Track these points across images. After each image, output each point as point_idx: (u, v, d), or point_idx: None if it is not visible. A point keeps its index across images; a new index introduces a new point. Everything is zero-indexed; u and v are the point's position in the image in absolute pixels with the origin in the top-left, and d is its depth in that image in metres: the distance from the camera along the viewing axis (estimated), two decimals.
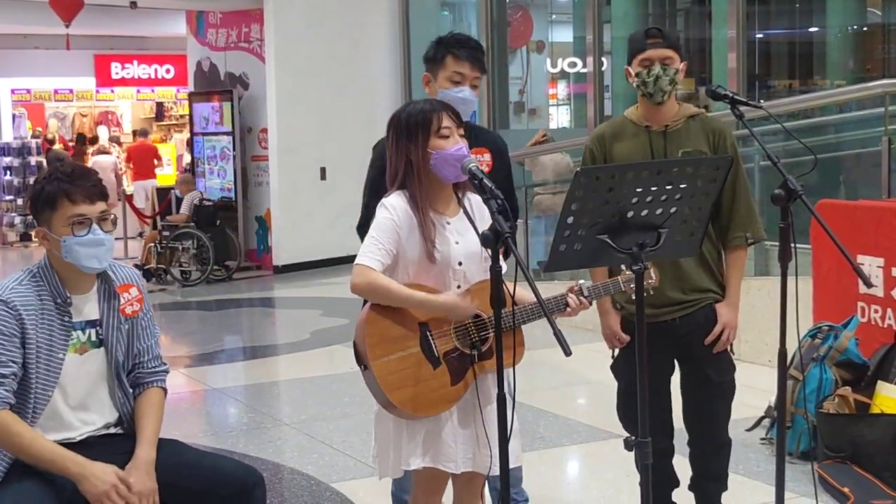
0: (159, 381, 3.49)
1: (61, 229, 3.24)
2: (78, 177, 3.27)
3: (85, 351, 3.34)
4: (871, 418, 5.08)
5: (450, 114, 3.34)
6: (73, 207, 3.24)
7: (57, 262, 3.29)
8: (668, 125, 3.90)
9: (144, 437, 3.33)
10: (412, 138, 3.30)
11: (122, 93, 23.32)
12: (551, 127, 16.64)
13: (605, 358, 4.14)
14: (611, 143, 3.95)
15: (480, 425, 3.31)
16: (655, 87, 3.81)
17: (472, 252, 3.34)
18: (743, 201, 3.94)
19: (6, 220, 18.07)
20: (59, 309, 3.27)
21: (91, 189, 3.28)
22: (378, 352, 3.20)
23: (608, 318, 3.99)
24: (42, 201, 3.26)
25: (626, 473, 4.97)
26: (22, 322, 3.18)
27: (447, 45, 3.95)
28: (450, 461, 3.32)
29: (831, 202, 6.52)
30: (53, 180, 3.25)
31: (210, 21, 14.77)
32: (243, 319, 11.13)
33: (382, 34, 14.14)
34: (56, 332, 3.26)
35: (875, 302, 5.71)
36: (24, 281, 3.27)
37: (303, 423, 6.56)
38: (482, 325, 3.30)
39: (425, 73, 4.01)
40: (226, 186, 14.26)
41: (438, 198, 3.36)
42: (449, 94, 3.88)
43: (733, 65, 10.09)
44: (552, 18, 16.80)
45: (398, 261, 3.29)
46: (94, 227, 3.26)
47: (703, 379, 3.98)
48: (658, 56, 3.82)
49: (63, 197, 3.24)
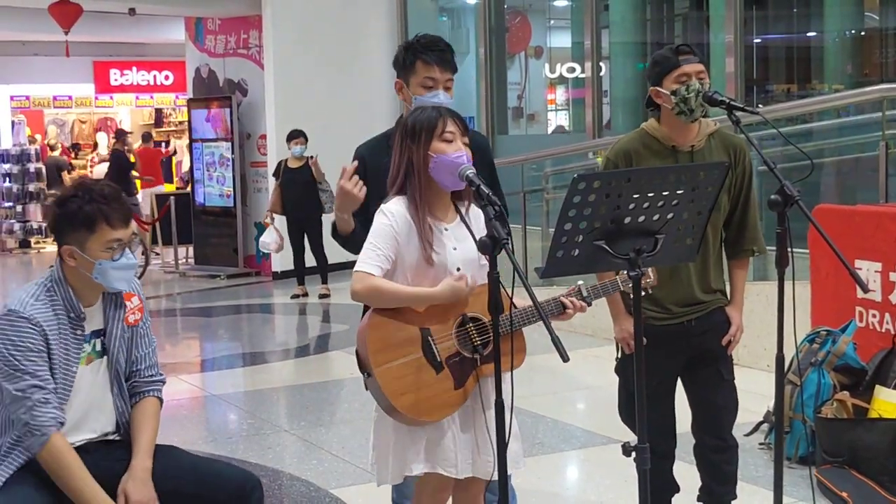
0: (155, 391, 3.50)
1: (98, 252, 3.22)
2: (113, 199, 3.25)
3: (91, 361, 3.35)
4: (869, 423, 5.09)
5: (456, 121, 3.35)
6: (111, 232, 3.23)
7: (73, 277, 3.27)
8: (694, 145, 3.90)
9: (141, 447, 3.34)
10: (415, 139, 3.31)
11: (121, 99, 23.38)
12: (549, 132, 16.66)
13: (604, 363, 4.15)
14: (637, 160, 3.89)
15: (482, 430, 3.32)
16: (696, 103, 3.75)
17: (470, 258, 3.35)
18: (752, 218, 4.02)
19: (5, 227, 18.07)
20: (72, 323, 3.27)
21: (126, 212, 3.28)
22: (381, 358, 3.20)
23: (622, 319, 4.00)
24: (79, 222, 3.22)
25: (624, 479, 4.98)
26: (46, 338, 3.19)
27: (415, 50, 3.85)
28: (451, 466, 3.33)
29: (829, 207, 6.53)
30: (91, 201, 3.21)
31: (209, 27, 14.78)
32: (242, 326, 11.12)
33: (381, 41, 14.15)
34: (71, 346, 3.27)
35: (873, 306, 5.71)
36: (41, 296, 3.24)
37: (302, 430, 6.57)
38: (483, 328, 3.31)
39: (396, 80, 3.93)
40: (225, 193, 14.27)
41: (437, 204, 3.37)
42: (423, 100, 3.78)
43: (731, 69, 10.09)
44: (550, 24, 16.79)
45: (396, 266, 3.30)
46: (127, 252, 3.27)
47: (717, 377, 4.05)
48: (694, 71, 3.78)
49: (102, 220, 3.21)
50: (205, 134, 14.42)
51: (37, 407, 3.13)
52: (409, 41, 3.91)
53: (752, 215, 4.02)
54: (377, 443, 3.40)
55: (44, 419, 3.14)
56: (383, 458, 3.37)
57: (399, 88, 3.92)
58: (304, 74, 13.49)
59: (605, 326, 4.22)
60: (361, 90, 13.74)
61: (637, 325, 3.05)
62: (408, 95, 3.86)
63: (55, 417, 3.16)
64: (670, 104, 3.79)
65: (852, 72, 12.04)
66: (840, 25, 12.20)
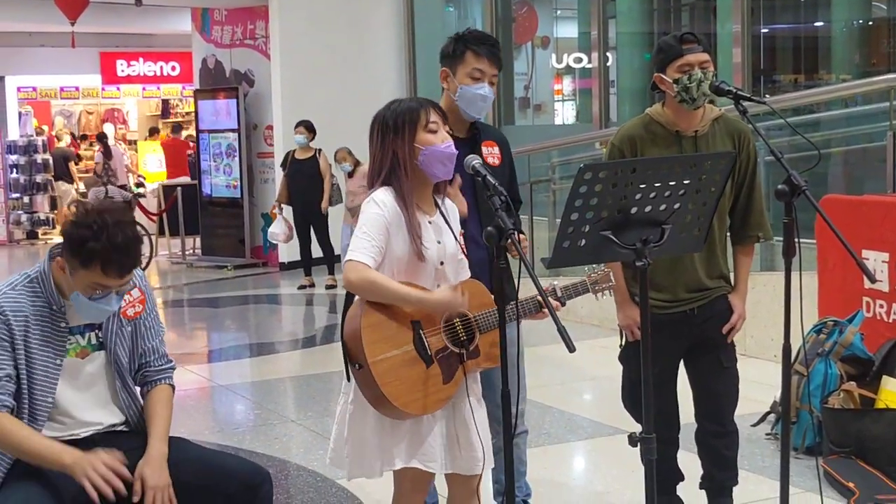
0: (167, 378, 3.51)
1: (81, 286, 3.16)
2: (122, 250, 3.12)
3: (86, 354, 3.34)
4: (876, 413, 5.09)
5: (436, 110, 3.34)
6: (102, 278, 3.14)
7: (59, 277, 3.24)
8: (698, 130, 3.91)
9: (156, 432, 3.34)
10: (399, 132, 3.28)
11: (128, 90, 23.39)
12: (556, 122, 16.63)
13: (610, 353, 4.15)
14: (642, 145, 3.92)
15: (463, 425, 3.33)
16: (699, 93, 3.78)
17: (451, 253, 3.37)
18: (757, 204, 4.04)
19: (13, 218, 18.10)
20: (53, 315, 3.26)
21: (130, 264, 3.18)
22: (375, 350, 3.17)
23: (626, 307, 4.03)
24: (76, 252, 3.13)
25: (631, 469, 4.97)
26: (10, 326, 3.17)
27: (466, 41, 3.96)
28: (432, 461, 3.32)
29: (836, 197, 6.52)
30: (98, 241, 3.09)
31: (215, 18, 14.78)
32: (250, 316, 11.13)
33: (387, 30, 14.15)
34: (52, 337, 3.25)
35: (880, 297, 5.71)
36: (19, 286, 3.23)
37: (309, 420, 6.58)
38: (468, 324, 3.32)
39: (443, 68, 4.02)
40: (231, 184, 14.28)
41: (422, 196, 3.35)
42: (469, 90, 3.91)
43: (738, 59, 10.06)
44: (557, 14, 16.76)
45: (384, 259, 3.26)
46: (111, 295, 3.21)
47: (717, 364, 4.08)
48: (697, 60, 3.80)
49: (98, 264, 3.11)
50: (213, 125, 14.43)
51: None
52: (461, 33, 4.02)
53: (757, 201, 4.03)
54: (351, 437, 3.34)
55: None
56: (358, 451, 3.32)
57: (444, 77, 4.02)
58: (310, 65, 13.49)
59: (611, 317, 4.22)
60: (368, 80, 13.73)
61: (644, 316, 3.05)
62: (453, 85, 3.96)
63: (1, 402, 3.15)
64: (672, 92, 3.81)
65: (860, 61, 12.00)
66: (847, 15, 12.16)
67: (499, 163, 4.09)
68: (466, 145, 3.93)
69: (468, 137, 4.03)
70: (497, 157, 4.08)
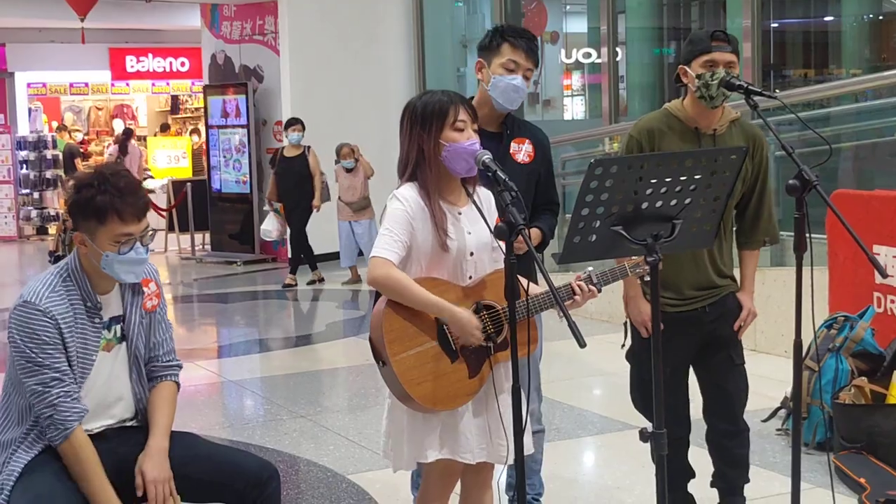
0: (173, 376, 3.51)
1: (106, 244, 3.19)
2: (129, 193, 3.18)
3: (111, 347, 3.36)
4: (887, 409, 5.08)
5: (466, 107, 3.33)
6: (121, 226, 3.17)
7: (89, 265, 3.26)
8: (716, 129, 3.90)
9: (157, 427, 3.35)
10: (426, 127, 3.30)
11: (138, 86, 23.39)
12: (565, 118, 16.62)
13: (620, 349, 4.14)
14: (660, 139, 3.91)
15: (494, 416, 3.32)
16: (718, 91, 3.77)
17: (483, 243, 3.35)
18: (767, 209, 4.04)
19: (23, 214, 18.14)
20: (89, 312, 3.27)
21: (141, 206, 3.23)
22: (397, 348, 3.19)
23: (639, 302, 4.00)
24: (90, 212, 3.18)
25: (641, 464, 4.97)
26: (60, 330, 3.18)
27: (504, 33, 3.99)
28: (466, 452, 3.33)
29: (847, 192, 6.51)
30: (105, 192, 3.16)
31: (224, 14, 14.78)
32: (259, 312, 11.15)
33: (396, 25, 14.14)
34: (89, 335, 3.27)
35: (891, 292, 5.69)
36: (56, 286, 3.22)
37: (319, 415, 6.58)
38: (496, 316, 3.30)
39: (479, 59, 4.04)
40: (241, 179, 14.29)
41: (449, 188, 3.36)
42: (502, 80, 3.92)
43: (748, 54, 10.02)
44: (566, 9, 16.73)
45: (411, 252, 3.28)
46: (137, 246, 3.22)
47: (728, 361, 4.06)
48: (723, 60, 3.78)
49: (113, 213, 3.16)
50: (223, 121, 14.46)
51: (60, 402, 3.15)
52: (499, 26, 4.06)
53: (767, 206, 4.04)
54: (391, 429, 3.39)
55: (67, 414, 3.16)
56: (398, 444, 3.36)
57: (479, 68, 4.03)
58: (319, 60, 13.49)
59: (621, 313, 4.20)
60: (377, 76, 13.74)
61: (654, 311, 3.04)
62: (487, 76, 3.98)
63: (78, 412, 3.18)
64: (693, 86, 3.80)
65: (870, 56, 11.96)
66: (858, 9, 12.12)
67: (529, 161, 4.07)
68: (494, 140, 3.93)
69: (497, 132, 4.03)
70: (528, 155, 4.07)
